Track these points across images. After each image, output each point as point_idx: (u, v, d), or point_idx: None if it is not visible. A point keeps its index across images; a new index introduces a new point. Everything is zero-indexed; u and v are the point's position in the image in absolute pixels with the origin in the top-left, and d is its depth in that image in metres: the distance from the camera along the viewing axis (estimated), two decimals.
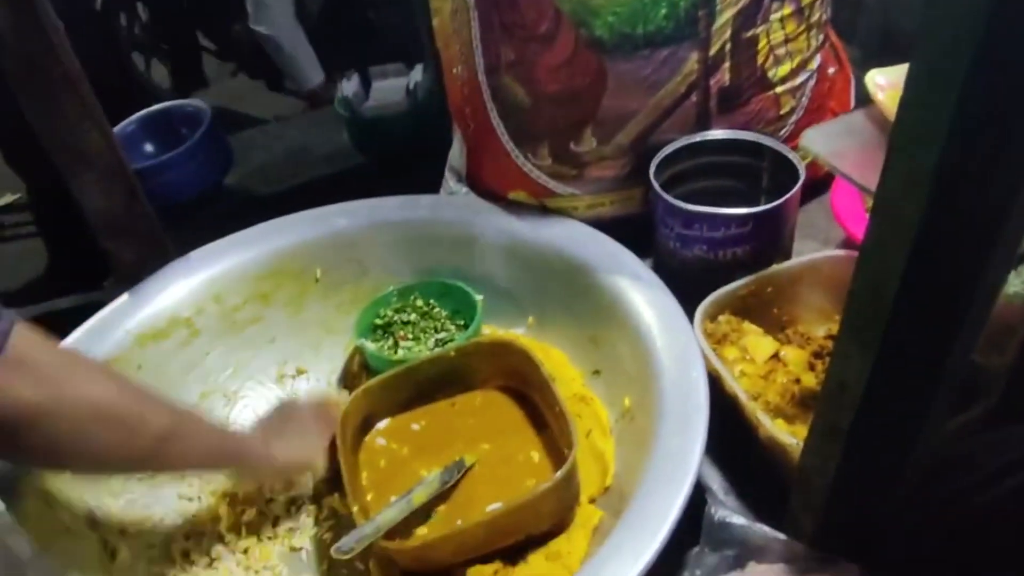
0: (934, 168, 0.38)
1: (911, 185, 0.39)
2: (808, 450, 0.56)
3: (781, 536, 0.62)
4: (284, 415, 0.83)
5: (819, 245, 0.93)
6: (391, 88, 1.33)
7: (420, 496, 0.73)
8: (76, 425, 0.61)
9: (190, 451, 0.71)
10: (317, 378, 0.99)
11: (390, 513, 0.70)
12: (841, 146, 0.60)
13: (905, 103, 0.38)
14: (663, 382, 0.73)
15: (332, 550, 0.65)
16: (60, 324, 0.91)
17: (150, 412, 0.66)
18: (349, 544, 0.65)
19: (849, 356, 0.47)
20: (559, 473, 0.70)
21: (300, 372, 0.99)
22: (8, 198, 2.91)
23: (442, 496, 0.76)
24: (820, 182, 0.95)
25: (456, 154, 1.03)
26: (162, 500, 0.85)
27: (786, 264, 0.82)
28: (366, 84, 1.35)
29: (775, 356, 0.79)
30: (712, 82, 0.88)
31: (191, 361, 0.94)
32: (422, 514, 0.75)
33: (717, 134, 0.89)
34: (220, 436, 0.76)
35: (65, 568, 0.72)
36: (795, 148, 0.87)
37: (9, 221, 2.82)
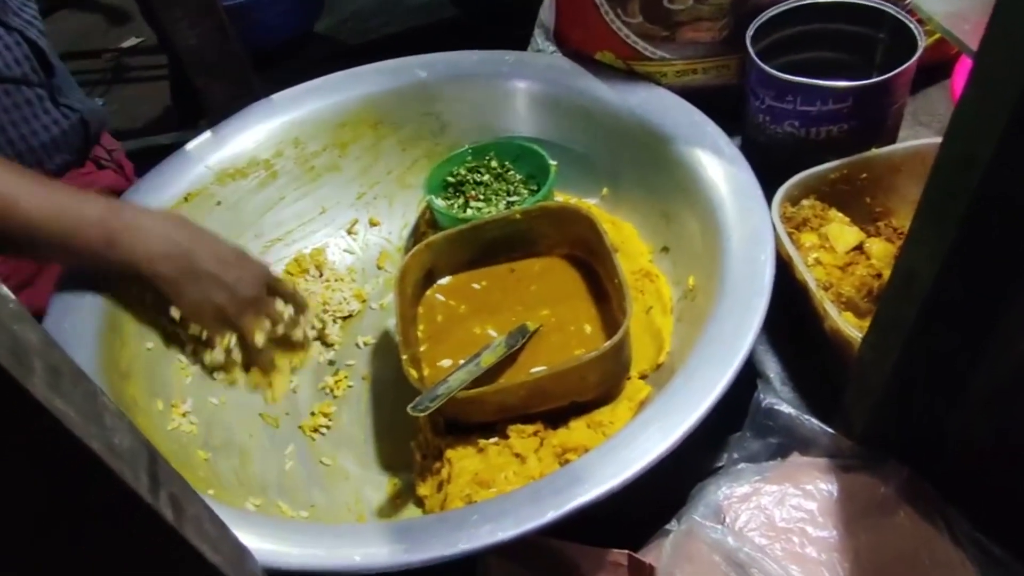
0: None
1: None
2: (867, 342, 0.52)
3: (829, 430, 0.59)
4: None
5: (933, 135, 0.84)
6: None
7: (488, 359, 0.74)
8: None
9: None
10: (389, 231, 0.99)
11: (460, 375, 0.71)
12: (964, 6, 0.52)
13: None
14: (728, 262, 0.69)
15: (408, 408, 0.67)
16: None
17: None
18: (424, 403, 0.67)
19: (922, 240, 0.42)
20: (608, 343, 0.69)
21: (373, 223, 0.99)
22: (132, 40, 3.00)
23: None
24: (948, 63, 0.85)
25: (546, 8, 0.97)
26: None
27: (887, 149, 0.74)
28: None
29: (859, 248, 0.73)
30: None
31: (268, 203, 0.96)
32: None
33: None
34: (60, 206, 0.71)
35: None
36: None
37: (134, 64, 2.93)
